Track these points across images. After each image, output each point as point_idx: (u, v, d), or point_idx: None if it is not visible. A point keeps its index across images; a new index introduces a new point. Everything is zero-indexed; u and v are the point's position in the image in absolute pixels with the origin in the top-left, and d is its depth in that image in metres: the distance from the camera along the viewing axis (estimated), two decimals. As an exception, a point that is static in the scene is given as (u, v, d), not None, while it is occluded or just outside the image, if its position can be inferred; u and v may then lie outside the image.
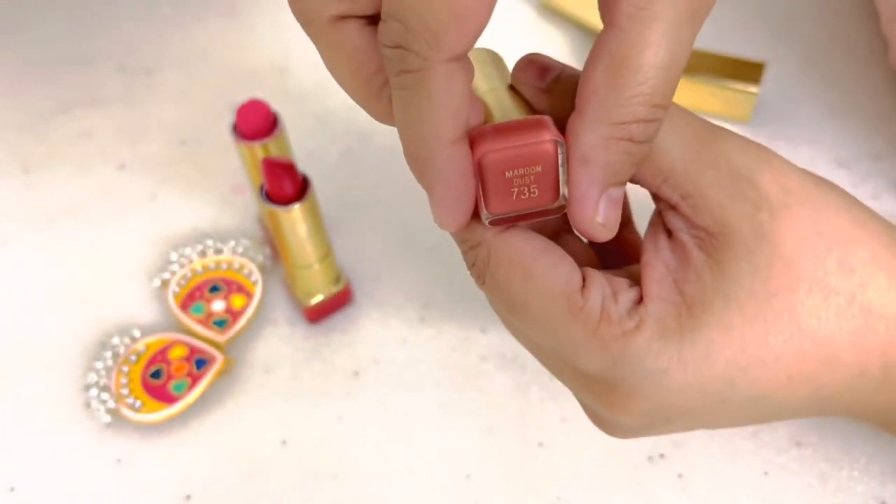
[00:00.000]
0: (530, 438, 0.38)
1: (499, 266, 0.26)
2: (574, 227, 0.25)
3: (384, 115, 0.26)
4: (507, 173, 0.24)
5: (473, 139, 0.24)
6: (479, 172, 0.24)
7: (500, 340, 0.40)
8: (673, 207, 0.26)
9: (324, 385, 0.40)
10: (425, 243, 0.43)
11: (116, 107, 0.50)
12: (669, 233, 0.27)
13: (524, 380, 0.39)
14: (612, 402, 0.26)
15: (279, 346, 0.41)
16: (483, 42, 0.25)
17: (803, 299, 0.25)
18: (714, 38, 0.50)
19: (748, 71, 0.46)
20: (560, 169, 0.24)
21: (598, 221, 0.25)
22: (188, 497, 0.37)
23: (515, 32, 0.52)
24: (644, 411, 0.26)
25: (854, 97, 0.47)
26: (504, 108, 0.27)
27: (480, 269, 0.27)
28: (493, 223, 0.26)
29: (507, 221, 0.26)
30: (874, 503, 0.35)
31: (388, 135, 0.48)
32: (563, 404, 0.38)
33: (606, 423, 0.29)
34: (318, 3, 0.25)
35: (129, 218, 0.45)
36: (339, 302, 0.41)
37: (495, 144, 0.24)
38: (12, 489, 0.38)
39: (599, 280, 0.26)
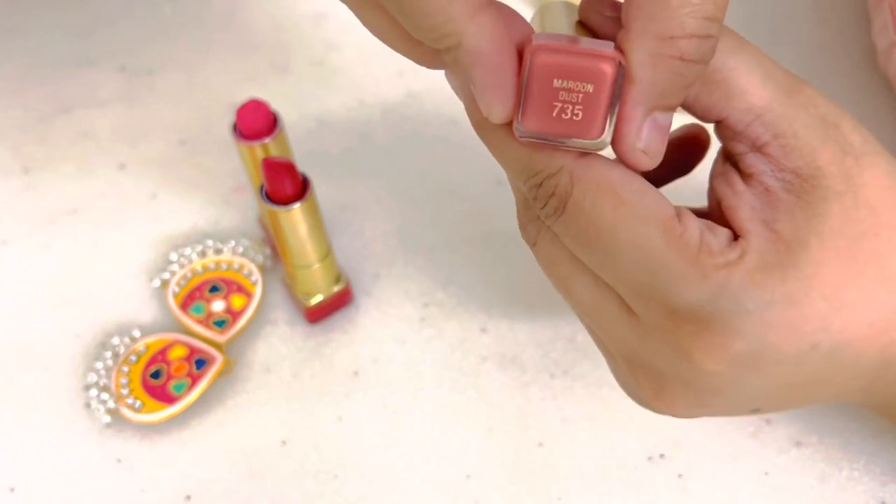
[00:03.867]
0: (530, 438, 0.38)
1: (585, 192, 0.24)
2: (614, 151, 0.24)
3: (430, 55, 0.25)
4: (555, 81, 0.22)
5: (529, 41, 0.22)
6: (527, 73, 0.22)
7: (500, 340, 0.40)
8: (759, 148, 0.25)
9: (324, 385, 0.40)
10: (425, 243, 0.44)
11: (116, 107, 0.50)
12: (746, 177, 0.26)
13: (524, 380, 0.39)
14: (702, 344, 0.25)
15: (279, 346, 0.41)
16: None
17: (886, 245, 0.25)
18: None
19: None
20: (613, 100, 0.22)
21: (639, 147, 0.24)
22: (188, 497, 0.37)
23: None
24: (738, 355, 0.25)
25: (851, 98, 0.47)
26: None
27: (561, 198, 0.25)
28: (525, 144, 0.23)
29: (539, 147, 0.23)
30: (874, 503, 0.35)
31: (389, 135, 0.48)
32: (563, 404, 0.38)
33: (673, 386, 0.27)
34: None
35: (129, 218, 0.45)
36: (339, 302, 0.41)
37: (551, 44, 0.22)
38: (12, 489, 0.38)
39: (691, 213, 0.25)
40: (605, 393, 0.38)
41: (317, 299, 0.40)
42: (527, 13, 0.52)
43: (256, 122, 0.38)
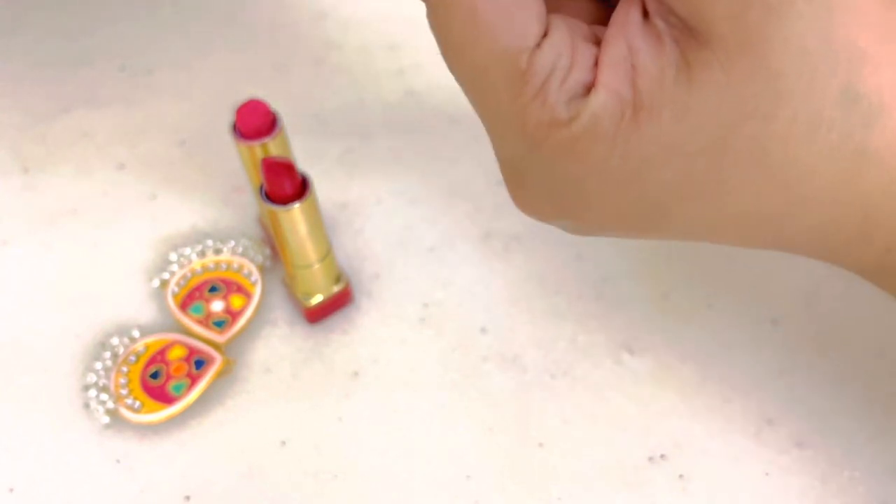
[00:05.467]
0: (530, 438, 0.37)
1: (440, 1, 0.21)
2: None
3: None
4: None
5: None
6: None
7: (501, 340, 0.40)
8: None
9: (324, 385, 0.39)
10: (425, 243, 0.43)
11: (116, 107, 0.50)
12: (646, 12, 0.21)
13: (524, 380, 0.39)
14: (514, 193, 0.23)
15: (279, 346, 0.41)
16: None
17: (784, 129, 0.20)
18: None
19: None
20: None
21: None
22: (188, 497, 0.37)
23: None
24: (548, 215, 0.23)
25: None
26: None
27: None
28: None
29: None
30: (875, 504, 0.35)
31: (389, 135, 0.48)
32: (563, 404, 0.38)
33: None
34: None
35: (129, 218, 0.45)
36: (339, 302, 0.41)
37: None
38: (11, 489, 0.38)
39: (560, 43, 0.21)
40: (606, 393, 0.38)
41: (317, 299, 0.40)
42: None
43: (256, 122, 0.38)
